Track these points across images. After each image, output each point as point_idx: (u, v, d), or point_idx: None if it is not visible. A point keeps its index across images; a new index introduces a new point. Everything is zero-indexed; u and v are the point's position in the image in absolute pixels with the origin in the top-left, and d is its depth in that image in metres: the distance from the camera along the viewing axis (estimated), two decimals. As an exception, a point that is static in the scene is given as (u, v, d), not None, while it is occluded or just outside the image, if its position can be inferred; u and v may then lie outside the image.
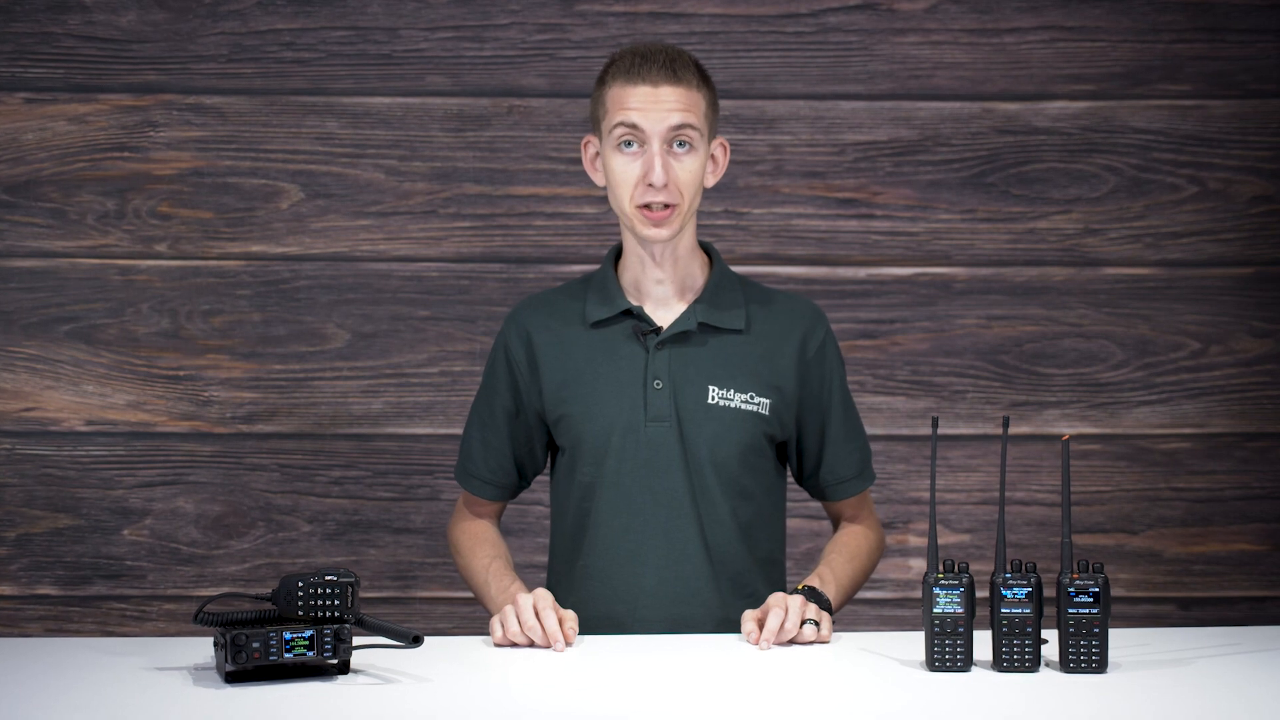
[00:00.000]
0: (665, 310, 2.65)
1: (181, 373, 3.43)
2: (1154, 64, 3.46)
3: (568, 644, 2.42)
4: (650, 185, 2.55)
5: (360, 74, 3.42)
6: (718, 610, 2.61)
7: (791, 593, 2.50)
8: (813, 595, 2.51)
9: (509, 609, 2.45)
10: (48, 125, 3.40)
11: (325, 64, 3.42)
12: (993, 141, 3.46)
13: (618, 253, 2.69)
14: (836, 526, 2.76)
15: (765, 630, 2.41)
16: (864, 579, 2.69)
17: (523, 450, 2.71)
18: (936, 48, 3.45)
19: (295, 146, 3.42)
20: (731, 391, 2.62)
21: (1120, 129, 3.46)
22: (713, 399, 2.61)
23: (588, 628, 2.56)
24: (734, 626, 2.54)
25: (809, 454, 2.69)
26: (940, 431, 3.35)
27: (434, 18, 3.43)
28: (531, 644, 2.42)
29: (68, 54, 3.41)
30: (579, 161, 3.39)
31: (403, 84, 3.42)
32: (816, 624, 2.43)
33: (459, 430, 3.34)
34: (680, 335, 2.62)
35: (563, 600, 2.62)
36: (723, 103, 2.91)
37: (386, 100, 3.43)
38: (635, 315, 2.63)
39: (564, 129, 3.44)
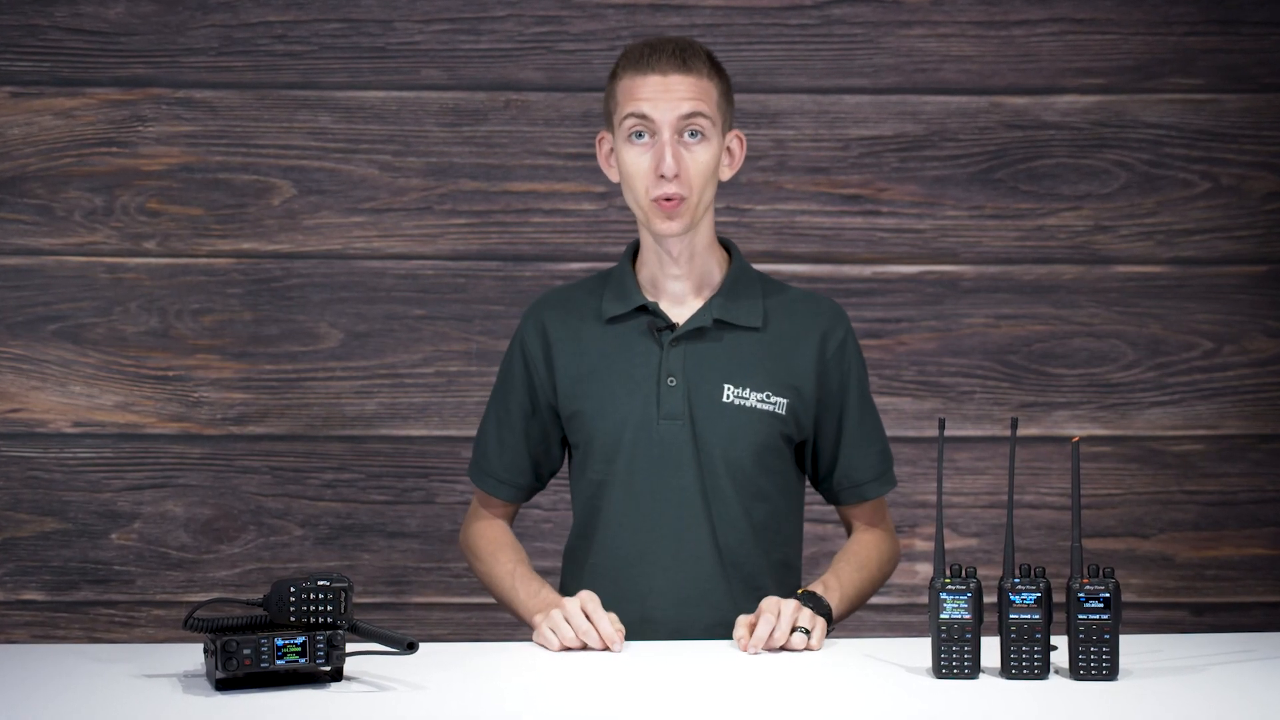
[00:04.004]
0: (681, 307, 2.63)
1: (171, 373, 3.42)
2: (1166, 57, 3.45)
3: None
4: (661, 176, 2.53)
5: (354, 67, 3.42)
6: (729, 612, 2.57)
7: (790, 598, 2.48)
8: (810, 600, 2.50)
9: (557, 614, 2.44)
10: (34, 120, 3.39)
11: (318, 57, 3.42)
12: (1001, 136, 3.45)
13: (636, 248, 2.68)
14: (850, 535, 2.73)
15: (754, 636, 2.41)
16: (873, 590, 2.67)
17: (538, 449, 2.69)
18: (943, 40, 3.45)
19: (287, 141, 3.42)
20: (747, 390, 2.60)
21: (1131, 124, 3.45)
22: (727, 397, 2.59)
23: None
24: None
25: (824, 455, 2.67)
26: (947, 433, 3.38)
27: (429, 10, 3.42)
28: (585, 646, 2.42)
29: (54, 47, 3.40)
30: (577, 157, 3.41)
31: (397, 78, 3.42)
32: (807, 632, 2.42)
33: (455, 431, 3.40)
34: (695, 332, 2.61)
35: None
36: (724, 97, 2.90)
37: (380, 94, 3.42)
38: (650, 311, 2.62)
39: (562, 123, 3.43)
